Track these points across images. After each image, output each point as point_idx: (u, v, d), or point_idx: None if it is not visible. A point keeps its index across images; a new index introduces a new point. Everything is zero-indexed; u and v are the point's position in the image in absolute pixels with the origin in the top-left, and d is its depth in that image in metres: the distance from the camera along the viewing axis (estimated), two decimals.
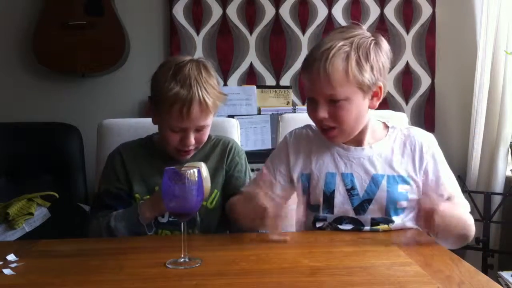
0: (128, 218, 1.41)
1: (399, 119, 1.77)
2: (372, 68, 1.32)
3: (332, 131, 1.37)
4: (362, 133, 1.41)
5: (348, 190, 1.38)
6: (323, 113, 1.34)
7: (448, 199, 1.35)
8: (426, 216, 1.18)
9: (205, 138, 1.52)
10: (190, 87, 1.43)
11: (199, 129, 1.48)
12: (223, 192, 1.56)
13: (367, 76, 1.31)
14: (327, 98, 1.33)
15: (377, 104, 1.38)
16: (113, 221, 1.42)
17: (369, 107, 1.38)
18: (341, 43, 1.31)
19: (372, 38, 1.35)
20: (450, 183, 1.39)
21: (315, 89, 1.34)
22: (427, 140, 1.42)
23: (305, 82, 1.38)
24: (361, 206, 1.37)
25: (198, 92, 1.43)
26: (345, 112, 1.33)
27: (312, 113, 1.38)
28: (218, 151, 1.59)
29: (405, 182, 1.37)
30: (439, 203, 1.19)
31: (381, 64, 1.34)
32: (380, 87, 1.35)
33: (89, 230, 1.48)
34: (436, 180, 1.38)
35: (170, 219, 1.49)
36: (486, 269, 2.27)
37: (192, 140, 1.47)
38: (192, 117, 1.44)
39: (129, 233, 1.41)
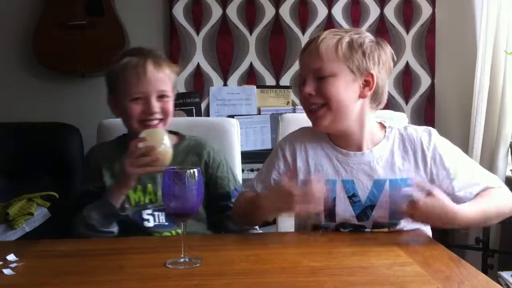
0: (99, 202, 1.41)
1: (399, 119, 1.77)
2: (364, 53, 1.31)
3: (319, 110, 1.33)
4: (361, 135, 1.36)
5: (349, 197, 1.34)
6: (309, 88, 1.32)
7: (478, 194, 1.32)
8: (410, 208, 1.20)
9: (171, 110, 1.48)
10: (141, 54, 1.47)
11: (161, 96, 1.46)
12: (209, 194, 1.51)
13: (357, 57, 1.31)
14: (314, 73, 1.32)
15: (368, 94, 1.33)
16: (86, 211, 1.41)
17: (360, 96, 1.33)
18: (337, 30, 1.36)
19: (371, 37, 1.36)
20: (464, 173, 1.34)
21: (305, 65, 1.35)
22: (426, 137, 1.36)
23: (299, 69, 1.39)
24: (364, 213, 1.34)
25: (150, 55, 1.46)
26: (332, 88, 1.30)
27: (301, 94, 1.36)
28: (195, 152, 1.55)
29: (409, 184, 1.32)
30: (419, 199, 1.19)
31: (376, 56, 1.33)
32: (372, 76, 1.32)
33: (72, 232, 1.46)
34: (447, 176, 1.33)
35: (156, 223, 1.48)
36: (486, 269, 2.27)
37: (155, 106, 1.44)
38: (149, 76, 1.43)
39: (102, 218, 1.40)
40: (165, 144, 1.37)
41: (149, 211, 1.49)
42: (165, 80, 1.47)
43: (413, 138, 1.37)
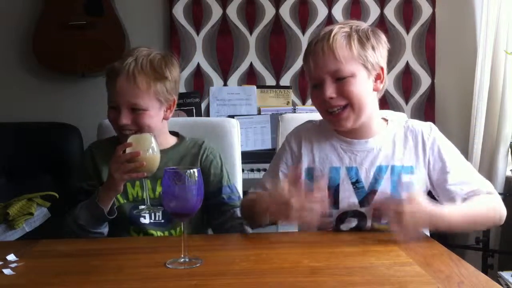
0: (88, 203, 1.40)
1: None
2: (373, 47, 1.34)
3: (343, 112, 1.34)
4: (369, 123, 1.39)
5: (353, 184, 1.37)
6: (330, 92, 1.32)
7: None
8: (394, 215, 1.19)
9: (146, 123, 1.42)
10: (125, 61, 1.41)
11: (134, 109, 1.41)
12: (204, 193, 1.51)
13: (370, 53, 1.33)
14: (333, 75, 1.32)
15: (381, 87, 1.38)
16: (76, 210, 1.41)
17: (373, 90, 1.37)
18: (340, 25, 1.36)
19: (369, 27, 1.39)
20: (458, 169, 1.37)
21: (320, 67, 1.33)
22: (427, 129, 1.41)
23: (308, 70, 1.37)
24: (366, 199, 1.37)
25: (129, 65, 1.40)
26: (354, 88, 1.32)
27: (318, 96, 1.35)
28: (192, 152, 1.54)
29: (410, 171, 1.37)
30: (404, 204, 1.19)
31: (381, 48, 1.36)
32: (382, 69, 1.36)
33: (63, 227, 1.46)
34: (442, 168, 1.37)
35: (152, 220, 1.48)
36: (486, 269, 2.27)
37: (124, 118, 1.40)
38: (118, 89, 1.39)
39: (91, 218, 1.39)
40: (152, 149, 1.33)
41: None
42: (137, 93, 1.40)
43: (414, 129, 1.42)
